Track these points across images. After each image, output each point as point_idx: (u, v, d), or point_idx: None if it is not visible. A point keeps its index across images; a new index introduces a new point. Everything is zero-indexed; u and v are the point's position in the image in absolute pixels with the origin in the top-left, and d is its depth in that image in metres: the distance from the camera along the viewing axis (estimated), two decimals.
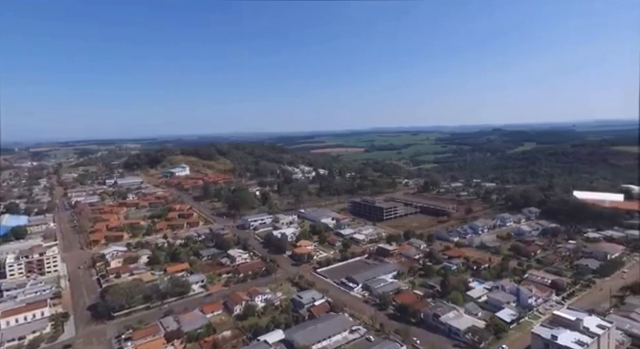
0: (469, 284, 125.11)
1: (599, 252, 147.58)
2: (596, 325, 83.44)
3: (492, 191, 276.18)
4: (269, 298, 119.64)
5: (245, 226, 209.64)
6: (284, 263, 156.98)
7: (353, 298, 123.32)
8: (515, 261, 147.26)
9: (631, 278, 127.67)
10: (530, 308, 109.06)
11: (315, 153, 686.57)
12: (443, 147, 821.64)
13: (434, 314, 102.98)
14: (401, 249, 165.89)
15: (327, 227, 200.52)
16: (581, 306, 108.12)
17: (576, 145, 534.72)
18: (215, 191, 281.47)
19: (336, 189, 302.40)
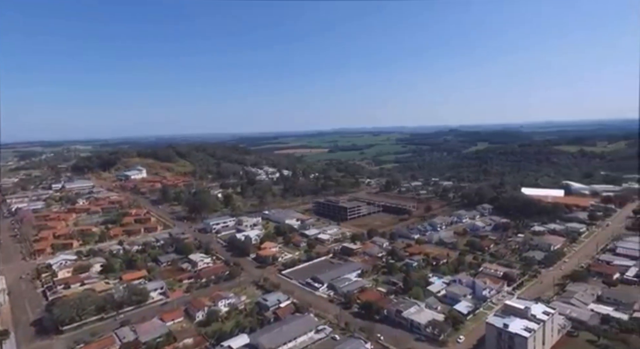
0: (429, 280, 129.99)
1: (544, 244, 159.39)
2: (542, 312, 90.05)
3: (449, 189, 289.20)
4: (233, 302, 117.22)
5: (207, 229, 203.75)
6: (248, 265, 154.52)
7: (318, 297, 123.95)
8: (471, 255, 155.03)
9: (570, 267, 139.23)
10: (485, 299, 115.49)
11: (279, 154, 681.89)
12: (403, 147, 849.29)
13: (396, 310, 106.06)
14: (365, 247, 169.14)
15: (291, 228, 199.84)
16: (529, 295, 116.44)
17: (523, 145, 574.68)
18: (174, 194, 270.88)
19: (300, 189, 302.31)
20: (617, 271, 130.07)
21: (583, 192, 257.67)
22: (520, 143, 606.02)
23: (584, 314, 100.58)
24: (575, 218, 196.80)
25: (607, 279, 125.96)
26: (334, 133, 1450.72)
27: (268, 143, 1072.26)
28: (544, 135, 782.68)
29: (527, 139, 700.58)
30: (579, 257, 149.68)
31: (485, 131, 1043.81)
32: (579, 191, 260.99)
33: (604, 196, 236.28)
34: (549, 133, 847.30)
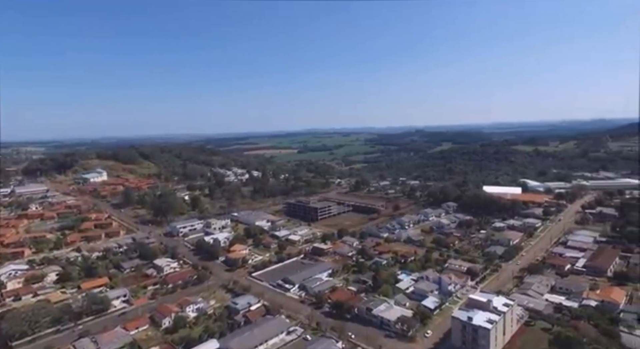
0: (397, 277, 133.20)
1: (504, 239, 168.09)
2: (502, 304, 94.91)
3: (416, 188, 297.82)
4: (202, 307, 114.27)
5: (173, 233, 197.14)
6: (218, 269, 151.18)
7: (290, 299, 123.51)
8: (437, 252, 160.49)
9: (528, 260, 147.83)
10: (450, 294, 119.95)
11: (248, 155, 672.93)
12: (372, 148, 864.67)
13: (367, 308, 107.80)
14: (335, 247, 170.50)
15: (262, 230, 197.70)
16: (491, 288, 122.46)
17: (484, 145, 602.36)
18: (138, 197, 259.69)
19: (270, 190, 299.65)
20: (568, 263, 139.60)
21: (538, 189, 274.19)
22: (482, 143, 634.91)
23: (539, 304, 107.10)
24: (532, 214, 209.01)
25: (559, 270, 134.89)
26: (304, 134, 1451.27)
27: (237, 144, 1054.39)
28: (503, 135, 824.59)
29: (488, 139, 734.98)
30: (535, 250, 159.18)
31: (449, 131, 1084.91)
32: (534, 188, 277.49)
33: (557, 193, 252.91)
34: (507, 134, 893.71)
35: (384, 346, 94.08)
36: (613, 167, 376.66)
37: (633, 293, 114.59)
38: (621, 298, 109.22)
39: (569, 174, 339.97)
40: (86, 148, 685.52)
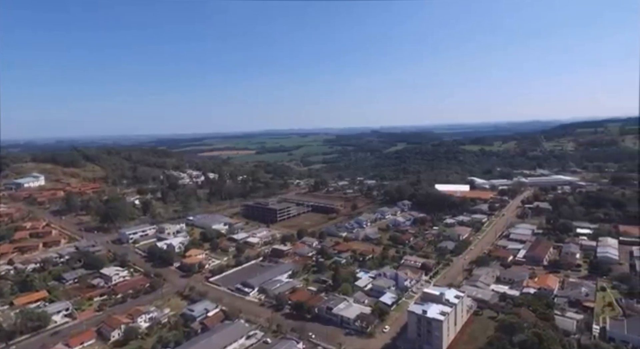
0: (356, 275, 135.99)
1: (454, 235, 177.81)
2: (454, 296, 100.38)
3: (373, 188, 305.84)
4: (155, 316, 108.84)
5: (122, 239, 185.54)
6: (172, 275, 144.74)
7: (249, 302, 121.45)
8: (393, 249, 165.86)
9: (476, 253, 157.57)
10: (407, 289, 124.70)
11: (203, 156, 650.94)
12: (330, 148, 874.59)
13: (327, 307, 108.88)
14: (295, 248, 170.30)
15: (219, 234, 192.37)
16: (443, 281, 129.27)
17: (435, 145, 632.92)
18: (82, 203, 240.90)
19: (228, 193, 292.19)
20: (511, 254, 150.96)
21: (484, 186, 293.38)
22: (433, 143, 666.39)
23: (486, 295, 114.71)
24: (479, 210, 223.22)
25: (503, 262, 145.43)
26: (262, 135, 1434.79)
27: (191, 145, 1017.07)
28: (452, 136, 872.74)
29: (439, 139, 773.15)
30: (482, 244, 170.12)
31: (404, 132, 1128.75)
32: (481, 185, 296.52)
33: (500, 189, 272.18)
34: (456, 134, 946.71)
35: (344, 344, 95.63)
36: (547, 164, 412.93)
37: (565, 279, 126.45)
38: (555, 284, 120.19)
39: (510, 171, 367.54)
40: (19, 150, 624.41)
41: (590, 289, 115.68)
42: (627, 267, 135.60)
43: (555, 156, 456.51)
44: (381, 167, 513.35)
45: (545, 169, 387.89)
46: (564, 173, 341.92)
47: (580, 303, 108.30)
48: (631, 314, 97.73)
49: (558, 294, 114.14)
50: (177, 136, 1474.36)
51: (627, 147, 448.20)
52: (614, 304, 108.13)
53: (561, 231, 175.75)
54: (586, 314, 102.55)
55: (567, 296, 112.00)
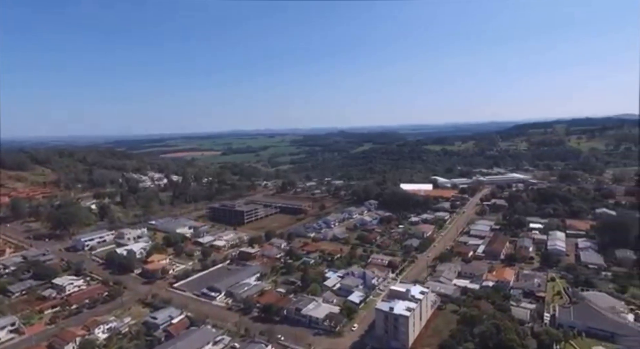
0: (325, 275, 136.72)
1: (419, 232, 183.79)
2: (419, 292, 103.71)
3: (341, 188, 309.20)
4: (114, 326, 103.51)
5: (77, 247, 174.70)
6: (133, 282, 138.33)
7: (216, 307, 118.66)
8: (361, 248, 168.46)
9: (439, 250, 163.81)
10: (374, 287, 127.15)
11: (166, 158, 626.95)
12: (297, 149, 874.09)
13: (295, 308, 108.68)
14: (263, 250, 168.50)
15: (183, 237, 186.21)
16: (409, 278, 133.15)
17: (400, 145, 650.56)
18: (30, 209, 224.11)
19: (192, 195, 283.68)
20: (471, 250, 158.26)
21: (446, 185, 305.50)
22: (398, 144, 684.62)
23: (449, 289, 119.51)
24: (441, 208, 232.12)
25: (464, 257, 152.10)
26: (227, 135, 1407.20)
27: (152, 146, 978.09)
28: (416, 136, 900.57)
29: (403, 140, 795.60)
30: (445, 241, 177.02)
31: (370, 132, 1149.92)
32: (443, 184, 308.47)
33: (461, 188, 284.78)
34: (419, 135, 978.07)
35: (312, 344, 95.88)
36: (503, 163, 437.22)
37: (519, 272, 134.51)
38: (511, 277, 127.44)
39: (470, 170, 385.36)
40: None
41: (542, 280, 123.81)
42: (573, 258, 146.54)
43: (510, 155, 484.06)
44: (348, 167, 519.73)
45: (502, 167, 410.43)
46: (518, 171, 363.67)
47: (533, 293, 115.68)
48: (577, 302, 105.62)
49: (514, 286, 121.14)
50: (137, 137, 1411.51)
51: (572, 147, 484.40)
52: (562, 293, 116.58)
53: (516, 226, 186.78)
54: (538, 303, 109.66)
55: (521, 288, 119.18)
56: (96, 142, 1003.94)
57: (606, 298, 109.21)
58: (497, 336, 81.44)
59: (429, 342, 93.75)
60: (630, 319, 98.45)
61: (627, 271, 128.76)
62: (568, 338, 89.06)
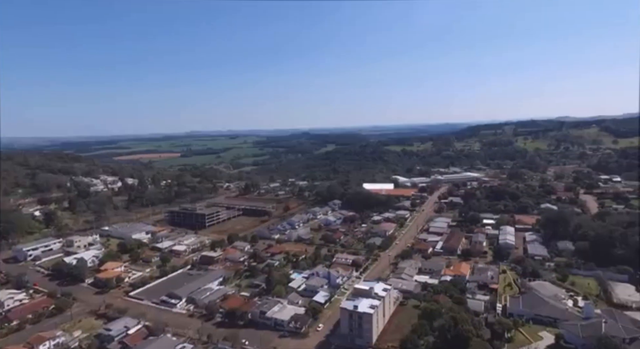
0: (290, 276, 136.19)
1: (381, 231, 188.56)
2: (382, 289, 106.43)
3: (305, 189, 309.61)
4: (62, 341, 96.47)
5: (19, 258, 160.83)
6: (85, 293, 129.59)
7: (177, 314, 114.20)
8: (325, 248, 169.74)
9: (401, 247, 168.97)
10: (339, 286, 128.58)
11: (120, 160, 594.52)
12: (261, 150, 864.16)
13: (260, 311, 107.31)
14: (226, 253, 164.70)
15: (140, 243, 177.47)
16: (372, 276, 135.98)
17: (363, 146, 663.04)
18: None
19: (150, 199, 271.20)
20: (430, 246, 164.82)
21: (406, 184, 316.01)
22: (361, 145, 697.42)
23: (410, 285, 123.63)
24: (402, 206, 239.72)
25: (424, 253, 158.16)
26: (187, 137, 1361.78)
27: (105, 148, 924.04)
28: (377, 137, 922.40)
29: (365, 140, 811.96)
30: (406, 238, 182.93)
31: (332, 134, 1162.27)
32: (403, 183, 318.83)
33: (420, 187, 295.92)
34: (381, 136, 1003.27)
35: (278, 347, 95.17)
36: (459, 163, 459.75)
37: (474, 266, 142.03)
38: (467, 271, 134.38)
39: (428, 170, 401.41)
40: None
41: (495, 273, 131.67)
42: (521, 251, 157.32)
43: (465, 155, 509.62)
44: (312, 168, 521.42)
45: (457, 166, 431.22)
46: (472, 170, 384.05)
47: (487, 286, 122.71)
48: (525, 292, 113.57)
49: (469, 280, 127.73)
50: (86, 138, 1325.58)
51: (519, 147, 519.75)
52: (513, 284, 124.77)
53: (471, 222, 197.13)
54: (492, 295, 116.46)
55: (476, 281, 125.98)
56: (38, 144, 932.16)
57: (550, 286, 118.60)
58: (455, 328, 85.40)
59: (392, 337, 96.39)
60: (570, 304, 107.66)
61: (567, 260, 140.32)
62: (518, 326, 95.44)
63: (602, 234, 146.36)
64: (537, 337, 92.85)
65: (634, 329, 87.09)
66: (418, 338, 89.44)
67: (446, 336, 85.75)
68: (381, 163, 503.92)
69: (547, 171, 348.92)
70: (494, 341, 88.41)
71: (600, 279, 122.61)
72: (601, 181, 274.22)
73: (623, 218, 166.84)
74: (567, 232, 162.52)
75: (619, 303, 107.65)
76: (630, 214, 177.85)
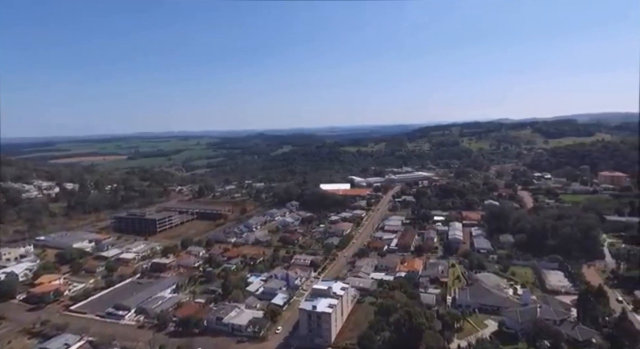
0: (247, 280, 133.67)
1: (338, 230, 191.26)
2: (340, 288, 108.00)
3: (262, 190, 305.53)
4: None
5: None
6: (15, 311, 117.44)
7: (125, 326, 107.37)
8: (284, 250, 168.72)
9: (358, 246, 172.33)
10: (297, 287, 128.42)
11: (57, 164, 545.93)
12: (215, 152, 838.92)
13: (216, 317, 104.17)
14: (179, 259, 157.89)
15: (83, 253, 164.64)
16: (331, 275, 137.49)
17: (319, 147, 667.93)
18: None
19: (93, 205, 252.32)
20: (385, 244, 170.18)
21: (362, 184, 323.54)
22: (317, 145, 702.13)
23: (367, 283, 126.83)
24: (359, 206, 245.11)
25: (380, 251, 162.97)
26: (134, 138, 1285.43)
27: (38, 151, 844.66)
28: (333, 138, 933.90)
29: (322, 141, 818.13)
30: (363, 237, 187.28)
31: (289, 134, 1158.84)
32: (359, 183, 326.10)
33: (375, 186, 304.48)
34: (337, 136, 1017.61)
35: None
36: (411, 162, 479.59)
37: (426, 261, 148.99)
38: (420, 266, 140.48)
39: (382, 170, 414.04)
40: None
41: (445, 267, 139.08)
42: (468, 245, 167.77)
43: (416, 155, 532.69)
44: (269, 169, 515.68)
45: (409, 166, 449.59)
46: (423, 170, 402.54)
47: (438, 280, 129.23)
48: (471, 283, 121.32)
49: (422, 275, 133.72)
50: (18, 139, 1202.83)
51: (465, 147, 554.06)
52: (461, 277, 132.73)
53: (423, 219, 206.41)
54: (442, 288, 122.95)
55: (428, 275, 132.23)
56: None
57: (493, 277, 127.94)
58: (410, 322, 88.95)
59: (350, 335, 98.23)
60: (510, 293, 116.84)
61: (507, 252, 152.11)
62: (465, 316, 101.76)
63: (536, 227, 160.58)
64: (483, 325, 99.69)
65: (563, 312, 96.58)
66: (375, 334, 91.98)
67: (401, 330, 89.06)
68: (337, 164, 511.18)
69: (490, 170, 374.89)
70: (445, 331, 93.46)
71: (535, 268, 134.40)
72: (535, 178, 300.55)
73: (554, 212, 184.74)
74: (507, 226, 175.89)
75: (551, 289, 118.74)
76: (560, 208, 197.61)
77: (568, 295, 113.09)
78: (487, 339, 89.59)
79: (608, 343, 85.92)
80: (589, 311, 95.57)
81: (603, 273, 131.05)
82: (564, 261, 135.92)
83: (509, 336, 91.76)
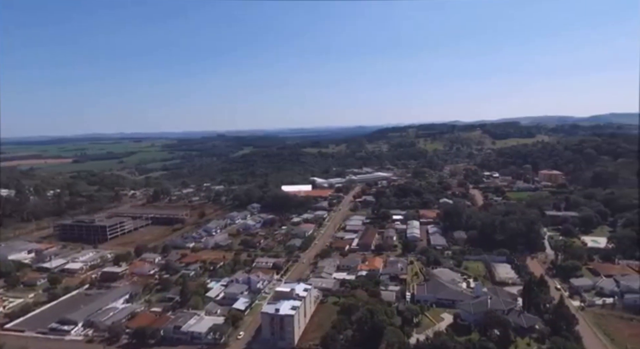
0: (207, 286, 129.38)
1: (301, 232, 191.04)
2: (303, 290, 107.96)
3: (222, 193, 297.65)
4: None
5: None
6: None
7: (71, 342, 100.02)
8: (245, 253, 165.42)
9: (320, 247, 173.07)
10: (260, 291, 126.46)
11: None
12: (171, 154, 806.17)
13: (174, 326, 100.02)
14: (133, 267, 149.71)
15: (20, 265, 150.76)
16: (294, 277, 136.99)
17: (281, 148, 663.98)
18: None
19: (33, 212, 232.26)
20: (347, 244, 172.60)
21: (323, 185, 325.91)
22: (278, 147, 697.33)
23: (329, 283, 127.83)
24: (320, 207, 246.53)
25: (341, 251, 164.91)
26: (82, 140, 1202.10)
27: None
28: (295, 139, 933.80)
29: (283, 143, 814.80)
30: (325, 238, 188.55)
31: (249, 136, 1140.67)
32: (321, 184, 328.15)
33: (336, 187, 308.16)
34: (298, 138, 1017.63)
35: None
36: (370, 163, 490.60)
37: (386, 259, 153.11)
38: (380, 265, 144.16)
39: (343, 170, 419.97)
40: None
41: (404, 264, 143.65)
42: (425, 242, 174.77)
43: (375, 156, 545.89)
44: (229, 171, 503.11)
45: (369, 167, 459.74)
46: (382, 170, 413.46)
47: (398, 277, 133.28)
48: (429, 279, 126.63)
49: (382, 273, 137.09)
50: None
51: (421, 148, 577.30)
52: (419, 273, 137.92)
53: (382, 218, 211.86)
54: (402, 285, 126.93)
55: (388, 273, 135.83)
56: None
57: (448, 272, 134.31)
58: (371, 320, 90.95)
59: (314, 336, 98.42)
60: (464, 286, 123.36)
61: (461, 248, 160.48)
62: (424, 311, 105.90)
63: (486, 223, 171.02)
64: (440, 318, 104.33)
65: (510, 302, 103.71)
66: (338, 333, 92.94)
67: (363, 328, 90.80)
68: (299, 165, 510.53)
69: (444, 169, 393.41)
70: (404, 327, 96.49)
71: (486, 262, 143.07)
72: (485, 177, 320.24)
73: (501, 208, 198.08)
74: (461, 223, 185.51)
75: (500, 281, 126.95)
76: (507, 205, 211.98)
77: (515, 286, 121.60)
78: (443, 332, 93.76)
79: (549, 327, 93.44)
80: (533, 300, 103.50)
81: (544, 263, 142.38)
82: (511, 254, 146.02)
83: (463, 328, 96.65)
